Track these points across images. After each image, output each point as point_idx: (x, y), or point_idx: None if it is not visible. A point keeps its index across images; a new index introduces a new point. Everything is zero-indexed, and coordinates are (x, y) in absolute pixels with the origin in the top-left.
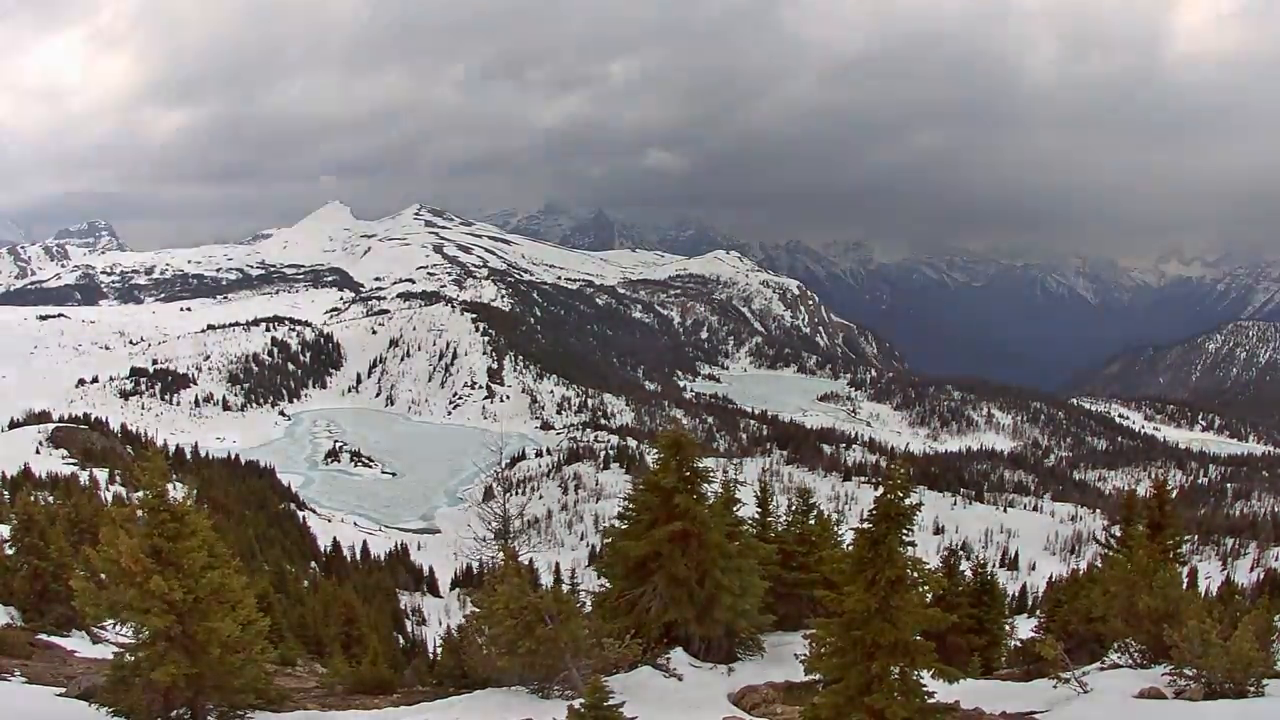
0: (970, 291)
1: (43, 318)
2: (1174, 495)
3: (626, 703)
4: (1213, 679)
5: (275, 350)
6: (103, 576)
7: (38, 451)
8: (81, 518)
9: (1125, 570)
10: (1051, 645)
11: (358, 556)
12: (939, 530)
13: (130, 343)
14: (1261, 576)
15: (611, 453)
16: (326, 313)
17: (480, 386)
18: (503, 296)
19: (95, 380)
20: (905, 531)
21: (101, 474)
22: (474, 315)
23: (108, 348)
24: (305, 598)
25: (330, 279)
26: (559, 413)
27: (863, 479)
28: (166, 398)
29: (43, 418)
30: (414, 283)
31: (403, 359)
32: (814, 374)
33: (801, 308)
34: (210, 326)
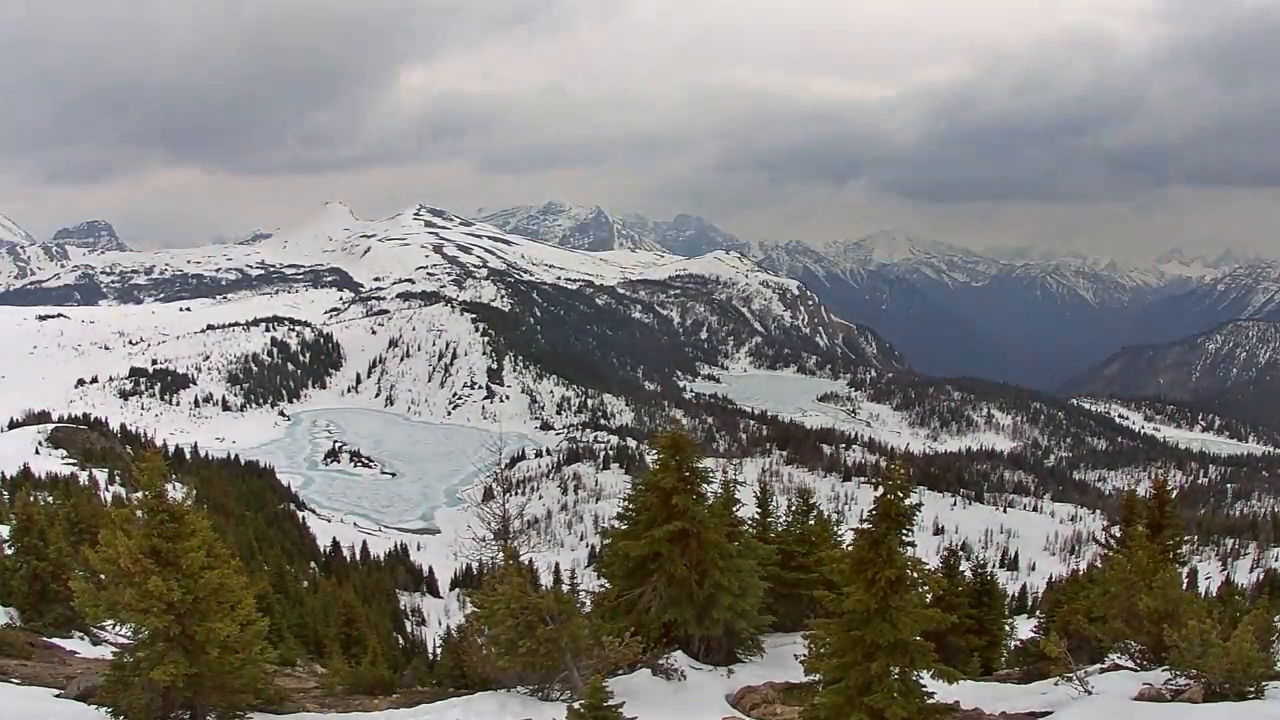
0: (970, 291)
1: (42, 318)
2: (1174, 495)
3: (626, 703)
4: (1213, 680)
5: (275, 350)
6: (102, 577)
7: (37, 451)
8: (81, 518)
9: (1125, 571)
10: (1055, 643)
11: (357, 557)
12: (939, 530)
13: (130, 343)
14: (1261, 577)
15: (611, 453)
16: (326, 313)
17: (480, 386)
18: (502, 297)
19: (95, 380)
20: (905, 532)
21: (101, 474)
22: (474, 315)
23: (107, 348)
24: (305, 598)
25: (330, 279)
26: (559, 413)
27: (862, 479)
28: (166, 398)
29: (42, 418)
30: (414, 283)
31: (402, 359)
32: (814, 374)
33: (801, 308)
34: (210, 326)
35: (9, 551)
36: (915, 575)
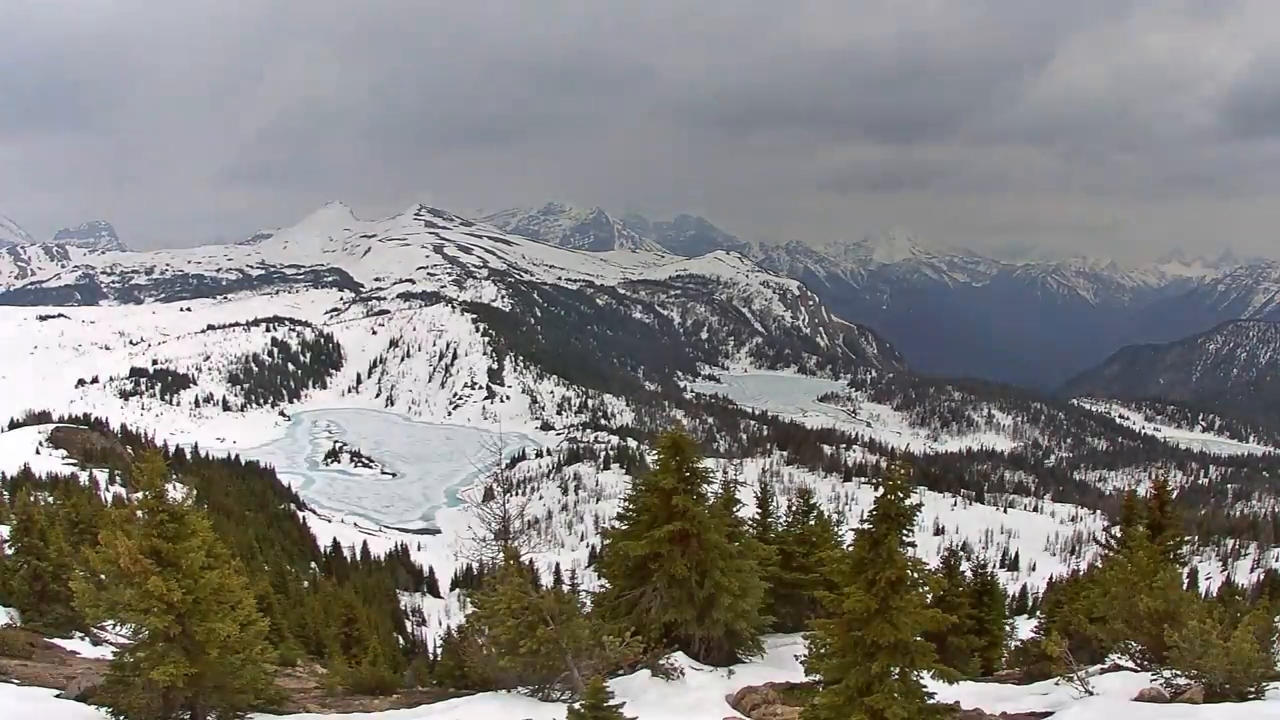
0: (970, 291)
1: (43, 318)
2: (1174, 496)
3: (626, 704)
4: (1213, 680)
5: (275, 350)
6: (102, 577)
7: (38, 452)
8: (81, 518)
9: (1125, 571)
10: (1056, 642)
11: (358, 557)
12: (939, 531)
13: (130, 343)
14: (1261, 577)
15: (611, 453)
16: (326, 313)
17: (480, 387)
18: (503, 297)
19: (95, 380)
20: (905, 532)
21: (101, 474)
22: (474, 315)
23: (108, 348)
24: (305, 598)
25: (330, 279)
26: (559, 413)
27: (863, 479)
28: (166, 398)
29: (43, 418)
30: (414, 283)
31: (403, 359)
32: (814, 374)
33: (802, 308)
34: (210, 327)
35: (9, 551)
36: (915, 576)
